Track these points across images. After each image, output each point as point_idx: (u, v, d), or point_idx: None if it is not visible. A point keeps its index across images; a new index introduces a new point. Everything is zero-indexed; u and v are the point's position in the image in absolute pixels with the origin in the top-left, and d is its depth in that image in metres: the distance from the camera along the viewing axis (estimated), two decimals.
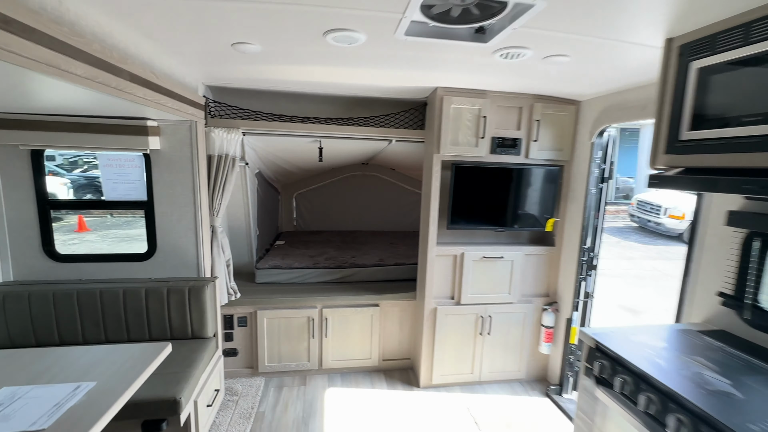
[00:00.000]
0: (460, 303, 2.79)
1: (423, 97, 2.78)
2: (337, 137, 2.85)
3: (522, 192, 2.75)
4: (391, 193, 5.07)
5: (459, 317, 2.81)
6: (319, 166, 4.17)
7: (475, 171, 2.66)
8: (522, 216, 2.78)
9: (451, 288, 2.82)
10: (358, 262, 3.36)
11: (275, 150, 3.27)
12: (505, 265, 2.80)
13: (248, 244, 3.32)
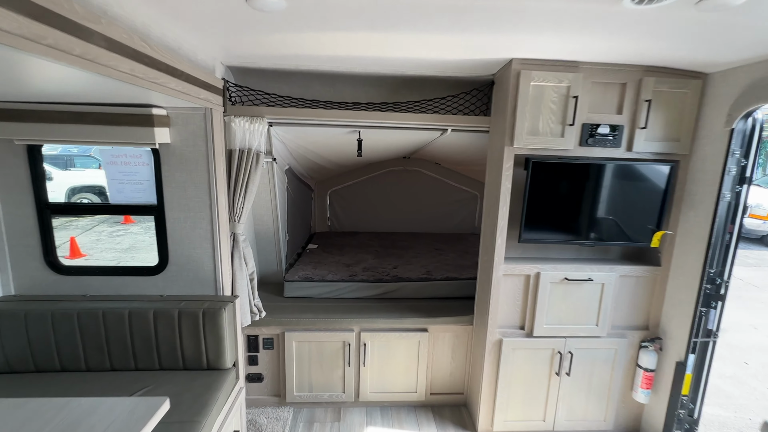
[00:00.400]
0: (533, 335, 2.21)
1: (489, 75, 2.19)
2: (380, 127, 2.34)
3: (619, 196, 2.11)
4: (434, 191, 4.51)
5: (530, 352, 2.24)
6: (356, 161, 3.69)
7: (558, 168, 2.06)
8: (617, 227, 2.14)
9: (521, 316, 2.25)
10: (401, 274, 2.86)
11: (307, 143, 2.82)
12: (592, 289, 2.19)
13: (276, 251, 2.92)
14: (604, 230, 2.15)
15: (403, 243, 3.96)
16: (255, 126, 2.13)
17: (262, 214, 2.77)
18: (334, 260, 3.21)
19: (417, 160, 4.41)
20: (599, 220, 2.14)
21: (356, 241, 3.97)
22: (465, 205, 4.58)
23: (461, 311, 2.56)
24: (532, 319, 2.20)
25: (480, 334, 2.34)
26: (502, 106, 2.04)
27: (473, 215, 4.62)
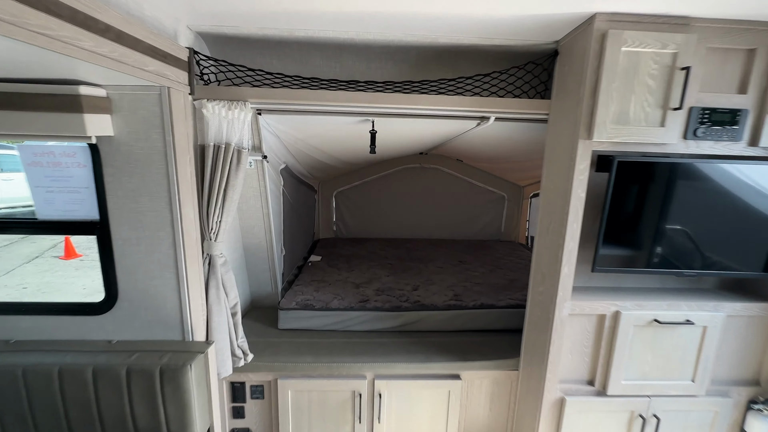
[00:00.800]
0: (606, 393, 1.65)
1: (551, 43, 1.61)
2: (402, 114, 1.78)
3: (733, 209, 1.52)
4: (455, 192, 3.95)
5: (602, 415, 1.68)
6: (367, 158, 3.14)
7: (653, 170, 1.48)
8: (727, 251, 1.56)
9: (591, 367, 1.68)
10: (424, 299, 2.31)
11: (306, 136, 2.27)
12: (690, 334, 1.61)
13: (270, 269, 2.38)
14: (710, 254, 1.57)
15: (421, 253, 3.40)
16: (235, 113, 1.59)
17: (252, 225, 2.24)
18: (341, 278, 2.67)
19: (436, 156, 3.84)
20: (704, 241, 1.56)
21: (366, 251, 3.42)
22: (490, 208, 4.01)
23: (502, 350, 2.01)
24: (607, 372, 1.64)
25: (532, 387, 1.79)
26: (573, 84, 1.47)
27: (499, 220, 4.05)
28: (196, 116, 1.59)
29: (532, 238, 3.93)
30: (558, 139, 1.60)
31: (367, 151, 2.48)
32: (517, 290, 2.49)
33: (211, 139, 1.59)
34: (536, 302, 1.77)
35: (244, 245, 2.30)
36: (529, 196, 3.85)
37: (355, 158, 3.00)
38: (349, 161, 3.10)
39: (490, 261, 3.22)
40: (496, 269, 2.99)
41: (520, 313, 2.20)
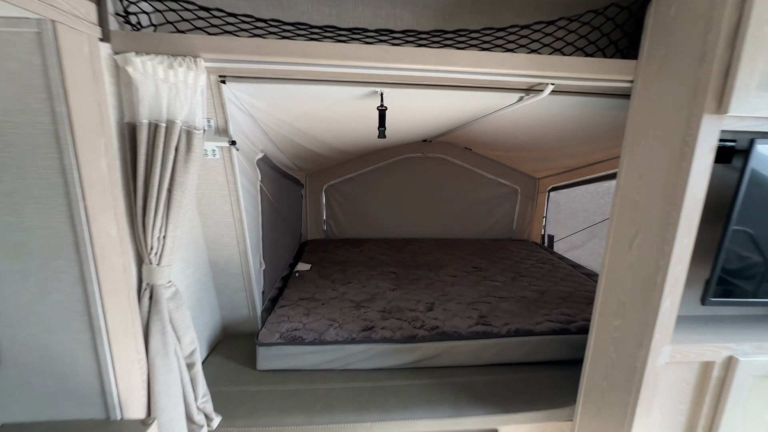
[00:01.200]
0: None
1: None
2: (423, 83, 1.27)
3: None
4: (463, 184, 3.47)
5: None
6: (366, 146, 2.61)
7: None
8: None
9: (686, 431, 1.24)
10: (444, 323, 1.82)
11: (292, 117, 1.73)
12: None
13: (246, 288, 1.86)
14: None
15: (428, 258, 2.92)
16: (181, 75, 1.05)
17: (220, 234, 1.70)
18: (337, 294, 2.16)
19: (441, 144, 3.34)
20: None
21: (363, 256, 2.91)
22: (501, 203, 3.55)
23: (549, 393, 1.56)
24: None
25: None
26: (690, 33, 0.98)
27: (511, 216, 3.60)
28: (120, 79, 1.05)
29: (550, 237, 3.51)
30: (653, 116, 1.12)
31: (369, 137, 1.97)
32: (551, 306, 2.04)
33: (145, 114, 1.05)
34: (607, 339, 1.31)
35: (210, 260, 1.76)
36: (546, 190, 3.41)
37: (354, 146, 2.47)
38: (345, 150, 2.57)
39: (509, 266, 2.76)
40: (518, 277, 2.54)
41: (565, 341, 1.75)
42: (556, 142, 2.30)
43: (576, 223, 2.97)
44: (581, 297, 2.20)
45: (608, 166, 2.57)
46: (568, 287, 2.36)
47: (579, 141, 2.18)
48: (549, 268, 2.73)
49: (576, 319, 1.90)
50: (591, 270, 2.75)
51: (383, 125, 1.47)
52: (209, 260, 1.76)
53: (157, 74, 1.03)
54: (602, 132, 1.94)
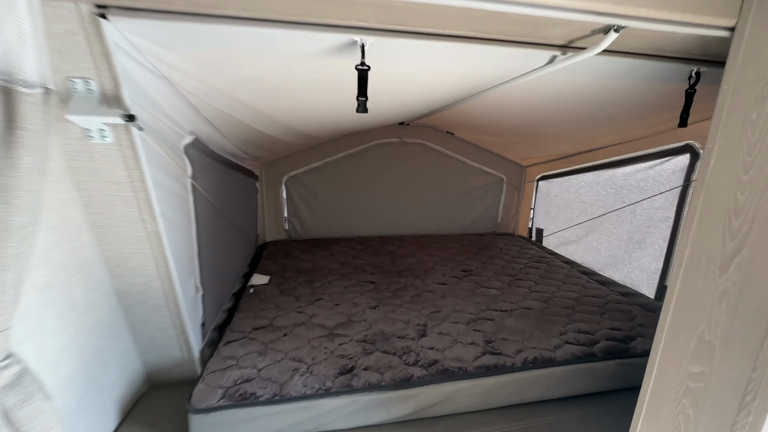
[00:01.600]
0: None
1: None
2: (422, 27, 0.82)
3: None
4: (445, 174, 3.08)
5: None
6: (334, 129, 2.12)
7: None
8: None
9: None
10: (443, 357, 1.42)
11: (230, 83, 1.20)
12: None
13: (174, 323, 1.34)
14: None
15: (410, 260, 2.51)
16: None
17: (128, 253, 1.17)
18: (303, 318, 1.69)
19: (420, 127, 2.91)
20: None
21: (334, 261, 2.45)
22: (486, 194, 3.21)
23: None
24: None
25: None
26: None
27: (496, 208, 3.28)
28: None
29: (539, 230, 3.23)
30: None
31: (341, 114, 1.51)
32: (564, 320, 1.72)
33: None
34: (678, 389, 0.97)
35: (118, 291, 1.23)
36: (535, 179, 3.10)
37: (319, 127, 1.97)
38: (308, 133, 2.06)
39: (501, 268, 2.43)
40: (515, 281, 2.20)
41: (592, 371, 1.42)
42: (561, 124, 1.95)
43: (570, 216, 2.69)
44: (591, 304, 1.90)
45: (611, 152, 2.27)
46: (572, 292, 2.06)
47: (590, 121, 1.84)
48: (545, 268, 2.43)
49: (597, 337, 1.58)
50: (589, 268, 2.48)
51: (364, 93, 1.01)
52: (116, 291, 1.23)
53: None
54: (628, 110, 1.59)
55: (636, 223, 2.16)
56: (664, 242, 1.99)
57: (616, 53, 1.06)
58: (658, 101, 1.46)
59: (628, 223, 2.21)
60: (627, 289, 2.13)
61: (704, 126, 1.74)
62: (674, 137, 1.90)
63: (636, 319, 1.76)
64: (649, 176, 2.06)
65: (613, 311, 1.83)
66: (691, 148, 1.83)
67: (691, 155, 1.84)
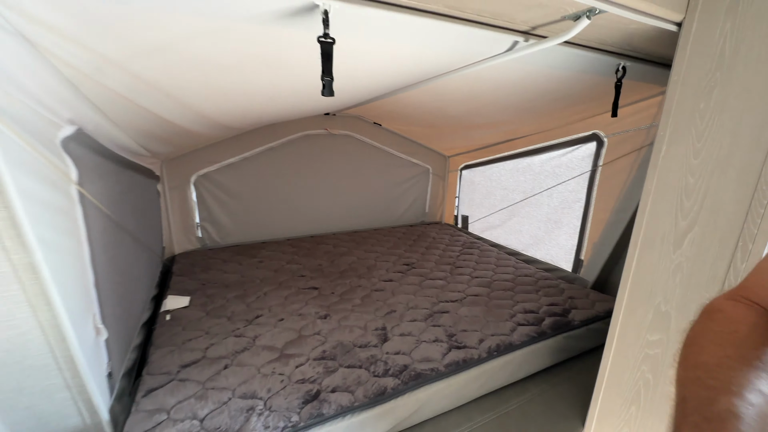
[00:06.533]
0: None
1: None
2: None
3: None
4: (372, 166, 3.00)
5: None
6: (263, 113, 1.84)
7: None
8: None
9: None
10: (413, 360, 1.34)
11: (127, 53, 0.90)
12: None
13: (68, 386, 0.98)
14: None
15: (349, 258, 2.38)
16: None
17: None
18: (244, 342, 1.43)
19: (347, 118, 2.76)
20: None
21: (266, 268, 2.17)
22: (414, 185, 3.24)
23: (552, 425, 1.28)
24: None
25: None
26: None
27: (423, 198, 3.33)
28: None
29: (464, 217, 3.39)
30: (722, 70, 0.83)
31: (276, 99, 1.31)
32: (509, 303, 1.80)
33: None
34: (637, 357, 1.05)
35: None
36: (458, 168, 3.23)
37: (242, 116, 1.66)
38: (227, 123, 1.73)
39: (440, 257, 2.47)
40: (455, 269, 2.25)
41: (546, 348, 1.51)
42: (489, 115, 2.02)
43: (493, 202, 2.87)
44: (526, 284, 2.04)
45: (529, 142, 2.47)
46: (507, 274, 2.19)
47: (517, 112, 1.94)
48: (478, 254, 2.54)
49: (541, 315, 1.69)
50: (514, 249, 2.69)
51: (329, 72, 0.84)
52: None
53: None
54: (554, 101, 1.71)
55: (553, 205, 2.39)
56: (577, 221, 2.24)
57: (567, 43, 1.08)
58: (583, 92, 1.59)
59: (546, 206, 2.44)
60: (549, 266, 2.36)
61: (606, 116, 1.99)
62: (582, 127, 2.13)
63: (564, 292, 1.94)
64: (562, 163, 2.29)
65: (545, 287, 2.00)
66: (597, 137, 2.08)
67: (597, 143, 2.09)
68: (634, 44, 1.17)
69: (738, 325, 0.45)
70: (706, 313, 0.50)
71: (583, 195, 2.18)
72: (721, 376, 0.40)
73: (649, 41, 1.12)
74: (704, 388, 0.40)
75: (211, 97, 1.27)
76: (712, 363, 0.43)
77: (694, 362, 0.44)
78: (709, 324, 0.48)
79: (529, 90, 1.54)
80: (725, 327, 0.46)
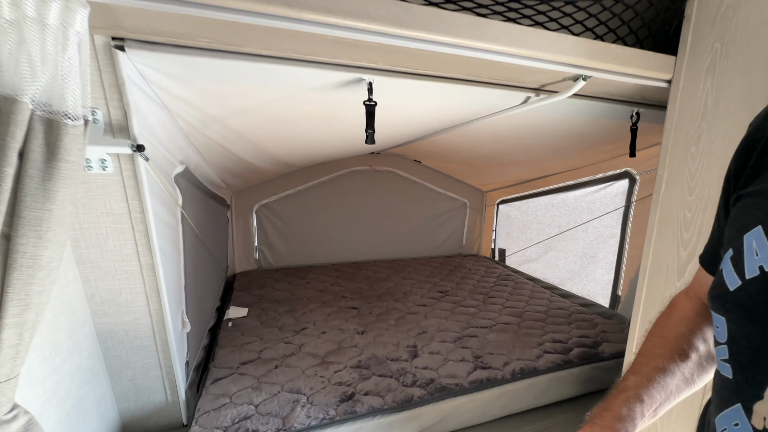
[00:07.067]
0: None
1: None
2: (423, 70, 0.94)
3: None
4: (413, 200, 3.22)
5: None
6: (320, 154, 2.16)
7: None
8: None
9: None
10: (439, 374, 1.47)
11: (226, 112, 1.23)
12: None
13: (160, 365, 1.25)
14: None
15: (387, 284, 2.56)
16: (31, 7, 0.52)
17: (117, 290, 1.10)
18: (292, 348, 1.65)
19: (390, 156, 3.05)
20: None
21: (312, 288, 2.42)
22: (451, 218, 3.39)
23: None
24: None
25: None
26: (747, 28, 0.83)
27: (460, 230, 3.46)
28: None
29: (501, 250, 3.46)
30: (707, 120, 0.95)
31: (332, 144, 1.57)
32: (539, 332, 1.85)
33: None
34: None
35: (98, 331, 1.13)
36: (495, 203, 3.35)
37: (302, 156, 2.00)
38: (290, 161, 2.08)
39: (474, 287, 2.56)
40: (488, 299, 2.34)
41: (572, 376, 1.55)
42: (521, 154, 2.18)
43: (530, 236, 2.94)
44: (558, 316, 2.07)
45: (563, 178, 2.56)
46: (540, 306, 2.23)
47: (548, 152, 2.08)
48: (512, 285, 2.60)
49: (569, 345, 1.73)
50: (550, 283, 2.71)
51: (372, 126, 1.09)
52: (96, 332, 1.13)
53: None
54: (580, 142, 1.84)
55: (588, 240, 2.42)
56: (613, 256, 2.25)
57: (578, 96, 1.25)
58: (605, 135, 1.72)
59: (581, 241, 2.47)
60: (586, 301, 2.36)
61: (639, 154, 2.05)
62: (615, 164, 2.21)
63: (598, 326, 1.95)
64: (596, 198, 2.35)
65: (578, 321, 2.02)
66: (629, 174, 2.15)
67: (629, 180, 2.15)
68: (645, 95, 1.31)
69: (673, 319, 0.59)
70: (668, 305, 0.63)
71: (618, 230, 2.21)
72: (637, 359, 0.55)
73: (657, 92, 1.26)
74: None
75: (281, 142, 1.60)
76: (643, 350, 0.57)
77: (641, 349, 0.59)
78: (659, 319, 0.62)
79: (552, 133, 1.70)
80: (663, 321, 0.60)
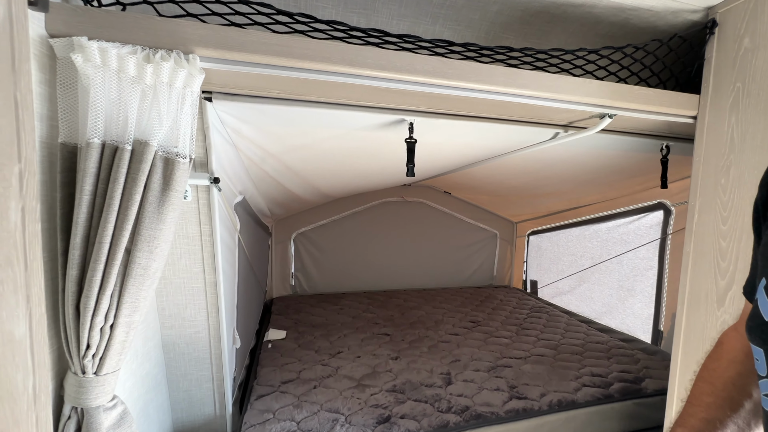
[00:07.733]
0: None
1: (699, 10, 1.05)
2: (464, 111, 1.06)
3: None
4: (443, 230, 3.29)
5: None
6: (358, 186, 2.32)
7: None
8: None
9: None
10: (474, 402, 1.47)
11: (282, 149, 1.39)
12: None
13: (213, 376, 1.35)
14: None
15: (418, 312, 2.59)
16: (165, 74, 0.69)
17: (183, 304, 1.23)
18: (329, 370, 1.71)
19: (420, 188, 3.17)
20: None
21: (345, 315, 2.49)
22: (481, 249, 3.42)
23: None
24: None
25: None
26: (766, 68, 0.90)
27: (491, 261, 3.46)
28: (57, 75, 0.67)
29: (533, 282, 3.41)
30: (735, 152, 1.00)
31: (371, 177, 1.70)
32: (576, 365, 1.81)
33: (97, 129, 0.66)
34: None
35: (163, 341, 1.26)
36: (525, 234, 3.36)
37: (343, 188, 2.16)
38: (329, 192, 2.24)
39: (506, 318, 2.54)
40: (522, 330, 2.31)
41: (613, 411, 1.51)
42: (552, 186, 2.23)
43: (562, 268, 2.90)
44: (597, 350, 2.02)
45: (595, 209, 2.56)
46: (577, 339, 2.18)
47: (578, 183, 2.12)
48: (546, 318, 2.56)
49: (609, 379, 1.68)
50: (585, 317, 2.63)
51: (412, 161, 1.21)
52: (162, 342, 1.26)
53: (125, 70, 0.66)
54: (611, 174, 1.88)
55: (624, 272, 2.37)
56: (652, 289, 2.19)
57: (607, 131, 1.33)
58: (636, 167, 1.75)
59: (616, 273, 2.43)
60: (626, 336, 2.27)
61: (673, 185, 2.05)
62: (649, 196, 2.20)
63: (641, 362, 1.88)
64: (630, 230, 2.33)
65: (618, 356, 1.95)
66: (663, 206, 2.13)
67: (664, 211, 2.13)
68: (673, 129, 1.37)
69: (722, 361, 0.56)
70: (716, 343, 0.60)
71: (655, 262, 2.17)
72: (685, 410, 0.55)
73: (684, 126, 1.31)
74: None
75: (326, 175, 1.76)
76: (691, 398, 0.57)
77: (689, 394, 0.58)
78: (707, 360, 0.59)
79: (582, 166, 1.76)
80: (711, 364, 0.59)
